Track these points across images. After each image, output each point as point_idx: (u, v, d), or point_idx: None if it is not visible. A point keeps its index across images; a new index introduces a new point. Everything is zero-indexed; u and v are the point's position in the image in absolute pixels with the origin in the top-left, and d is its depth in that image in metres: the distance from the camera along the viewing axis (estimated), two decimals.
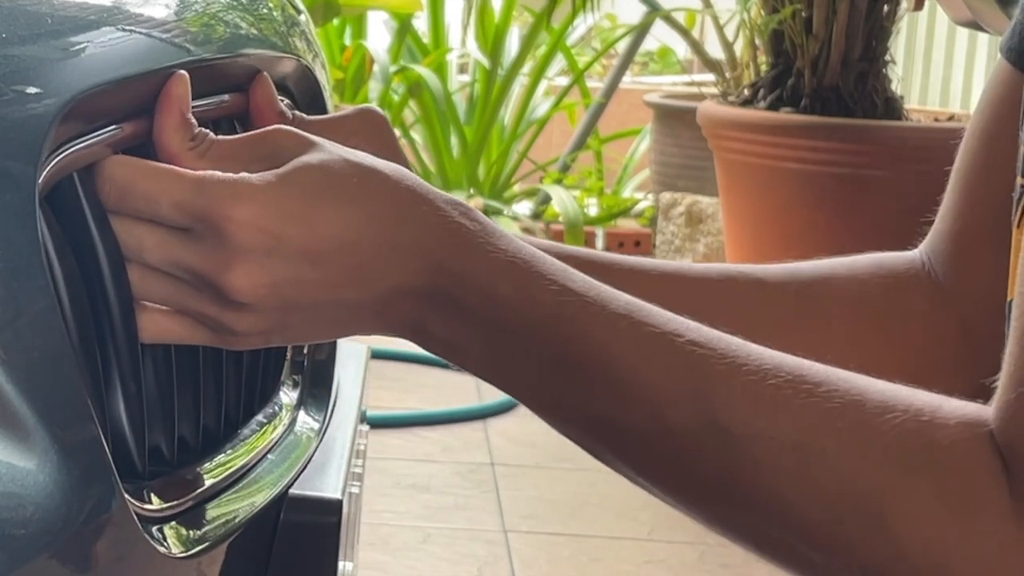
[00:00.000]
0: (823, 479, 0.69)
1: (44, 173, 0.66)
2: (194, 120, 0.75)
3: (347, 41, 4.65)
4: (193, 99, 0.76)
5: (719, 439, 0.70)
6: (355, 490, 1.00)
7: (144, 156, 0.74)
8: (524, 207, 4.68)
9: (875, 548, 0.68)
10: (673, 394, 0.71)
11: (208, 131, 0.75)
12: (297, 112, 0.83)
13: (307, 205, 0.72)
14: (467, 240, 0.74)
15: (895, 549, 0.67)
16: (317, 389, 0.99)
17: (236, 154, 0.75)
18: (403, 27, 4.73)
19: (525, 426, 2.99)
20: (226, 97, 0.86)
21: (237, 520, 0.78)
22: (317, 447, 0.93)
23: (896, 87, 3.27)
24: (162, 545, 0.70)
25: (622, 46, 4.94)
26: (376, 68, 4.50)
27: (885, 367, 0.78)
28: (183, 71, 0.74)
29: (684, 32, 4.14)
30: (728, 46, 3.69)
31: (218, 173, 0.72)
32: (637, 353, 0.72)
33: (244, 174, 0.72)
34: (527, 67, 4.86)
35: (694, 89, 4.25)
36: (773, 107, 3.22)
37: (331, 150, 0.75)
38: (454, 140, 4.71)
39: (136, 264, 0.73)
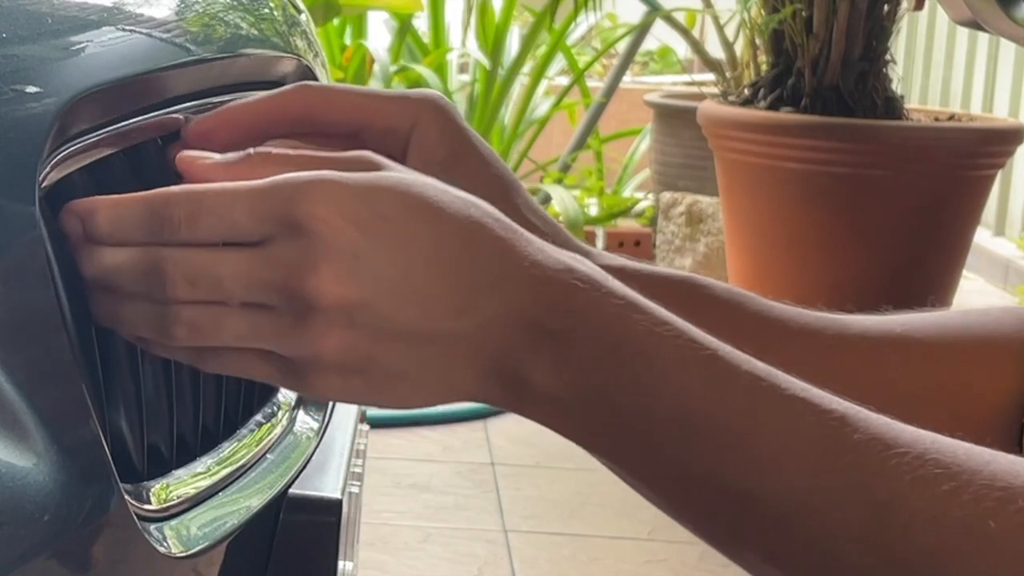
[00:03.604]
0: (993, 566, 0.61)
1: (45, 172, 0.66)
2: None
3: (347, 41, 4.65)
4: (196, 99, 0.75)
5: (873, 516, 0.62)
6: (355, 490, 1.00)
7: (149, 154, 0.74)
8: None
9: None
10: (816, 466, 0.63)
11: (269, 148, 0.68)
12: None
13: (400, 212, 0.63)
14: (578, 286, 0.65)
15: None
16: None
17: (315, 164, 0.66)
18: (403, 27, 4.73)
19: (525, 426, 2.98)
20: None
21: (236, 520, 0.78)
22: (317, 447, 0.93)
23: (896, 87, 3.28)
24: (161, 545, 0.70)
25: (622, 46, 4.94)
26: (376, 68, 4.49)
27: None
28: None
29: (684, 32, 4.15)
30: (728, 46, 3.69)
31: (294, 173, 0.64)
32: (775, 420, 0.64)
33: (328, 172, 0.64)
34: (527, 67, 4.86)
35: (694, 89, 4.25)
36: (773, 107, 3.22)
37: (434, 185, 0.65)
38: None
39: (214, 306, 0.64)
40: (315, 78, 0.98)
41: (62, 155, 0.68)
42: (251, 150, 0.68)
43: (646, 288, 0.69)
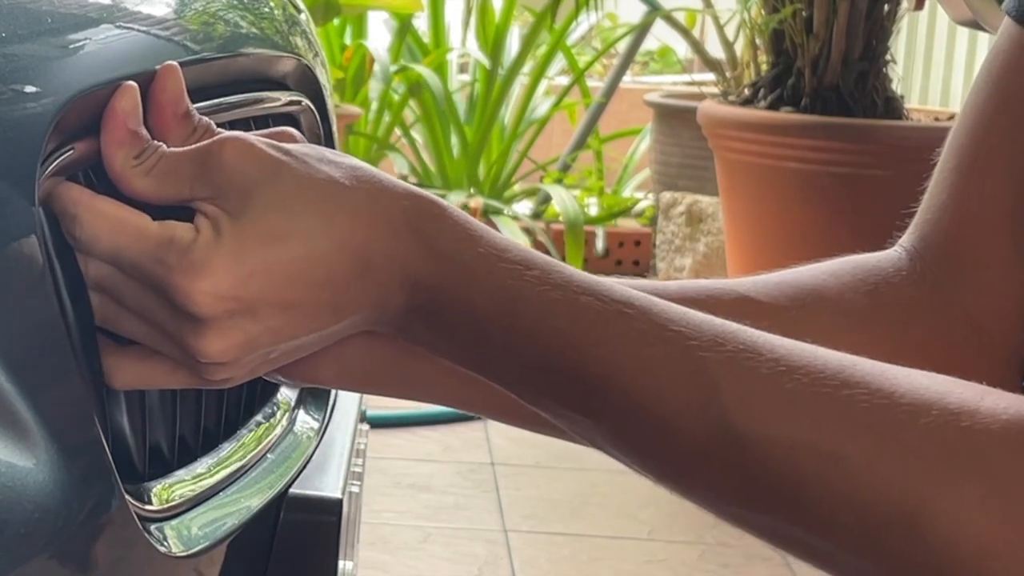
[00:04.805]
0: (850, 487, 0.65)
1: (45, 173, 0.66)
2: (145, 133, 0.71)
3: (347, 41, 4.65)
4: (196, 98, 0.75)
5: (734, 447, 0.67)
6: (355, 489, 1.00)
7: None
8: (524, 207, 4.68)
9: (911, 556, 0.64)
10: (680, 403, 0.68)
11: (160, 144, 0.71)
12: (206, 119, 0.75)
13: (269, 259, 0.69)
14: (442, 249, 0.70)
15: (934, 557, 0.64)
16: (317, 388, 0.99)
17: (181, 170, 0.70)
18: (403, 27, 4.73)
19: None
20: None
21: (237, 520, 0.78)
22: (317, 446, 0.93)
23: (896, 87, 3.27)
24: (162, 545, 0.70)
25: (622, 46, 4.94)
26: (376, 68, 4.49)
27: None
28: (131, 82, 0.71)
29: (684, 32, 4.14)
30: (728, 46, 3.69)
31: (176, 234, 0.68)
32: (637, 362, 0.68)
33: (202, 230, 0.69)
34: (527, 67, 4.86)
35: (694, 89, 4.25)
36: (773, 107, 3.22)
37: (284, 167, 0.70)
38: (454, 140, 4.71)
39: (108, 299, 0.70)
40: (315, 77, 0.98)
41: (63, 155, 0.68)
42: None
43: None
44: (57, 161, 0.67)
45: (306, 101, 0.95)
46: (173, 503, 0.74)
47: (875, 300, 0.87)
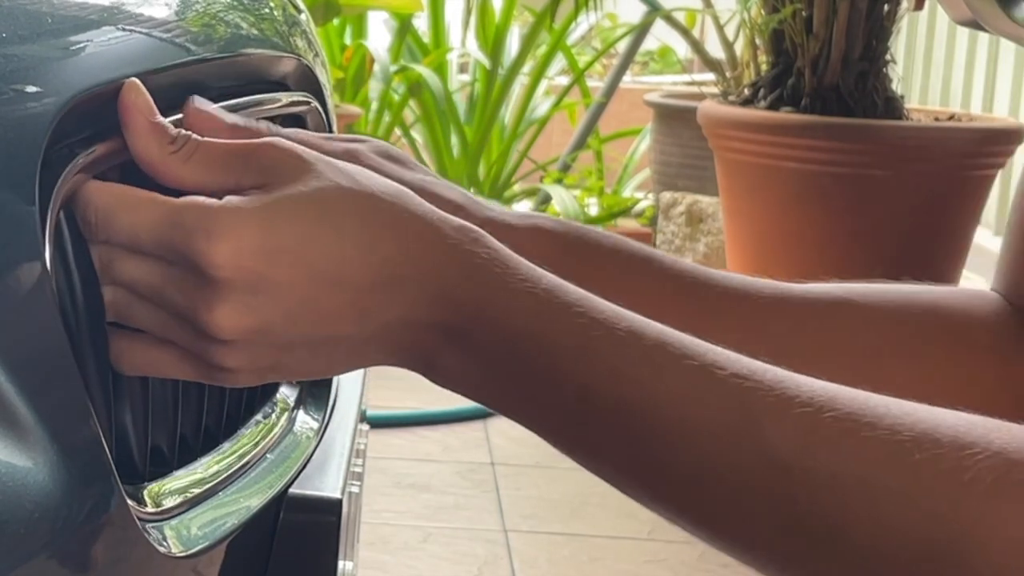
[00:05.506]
0: (897, 516, 0.63)
1: (69, 173, 0.66)
2: (167, 123, 0.70)
3: (347, 41, 4.65)
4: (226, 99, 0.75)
5: (778, 479, 0.65)
6: (355, 489, 1.00)
7: None
8: (524, 207, 4.69)
9: None
10: (720, 431, 0.66)
11: (191, 133, 0.70)
12: (268, 124, 0.75)
13: (297, 240, 0.67)
14: (478, 269, 0.69)
15: None
16: (317, 388, 0.99)
17: (227, 163, 0.69)
18: (403, 27, 4.73)
19: None
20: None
21: (236, 520, 0.78)
22: (317, 446, 0.93)
23: (896, 87, 3.27)
24: (162, 545, 0.70)
25: (622, 46, 4.94)
26: (376, 68, 4.50)
27: (991, 406, 0.73)
28: (133, 79, 0.70)
29: (684, 32, 4.15)
30: (728, 46, 3.69)
31: (197, 200, 0.68)
32: (676, 389, 0.67)
33: (228, 199, 0.68)
34: (527, 67, 4.87)
35: (694, 89, 4.25)
36: (773, 107, 3.22)
37: (327, 174, 0.69)
38: (454, 140, 4.72)
39: (121, 288, 0.70)
40: (315, 78, 0.98)
41: (61, 155, 0.68)
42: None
43: (565, 253, 0.79)
44: (80, 162, 0.67)
45: (314, 102, 0.95)
46: (172, 503, 0.74)
47: (990, 330, 0.87)
